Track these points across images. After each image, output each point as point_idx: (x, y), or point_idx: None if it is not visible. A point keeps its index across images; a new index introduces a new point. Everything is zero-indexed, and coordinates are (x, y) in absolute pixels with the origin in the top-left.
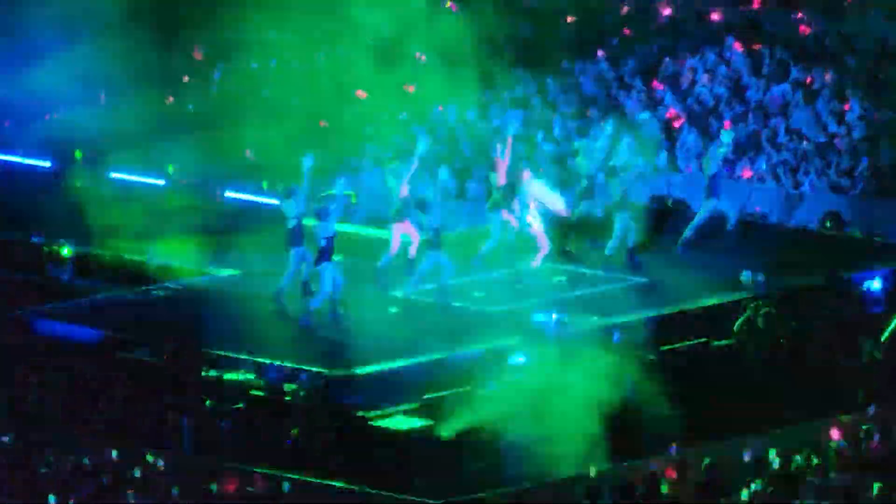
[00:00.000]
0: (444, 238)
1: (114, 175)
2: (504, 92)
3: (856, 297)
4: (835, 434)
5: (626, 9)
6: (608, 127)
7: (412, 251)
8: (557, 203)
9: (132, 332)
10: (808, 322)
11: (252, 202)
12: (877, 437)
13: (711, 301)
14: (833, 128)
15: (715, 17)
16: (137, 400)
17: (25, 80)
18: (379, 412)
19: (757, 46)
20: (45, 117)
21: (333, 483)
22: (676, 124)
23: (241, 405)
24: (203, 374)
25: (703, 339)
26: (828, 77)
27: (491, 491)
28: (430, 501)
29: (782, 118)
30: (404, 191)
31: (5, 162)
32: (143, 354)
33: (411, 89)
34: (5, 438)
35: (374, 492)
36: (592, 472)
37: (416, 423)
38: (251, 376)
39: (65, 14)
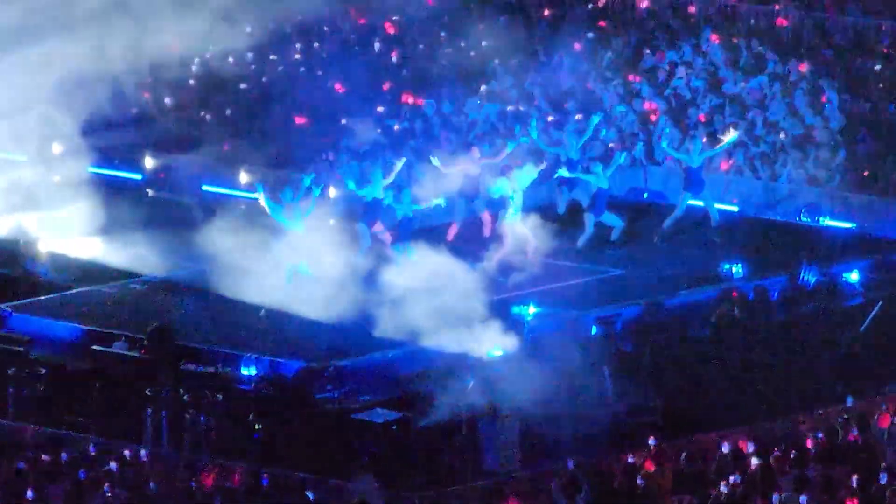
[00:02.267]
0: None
1: (92, 169)
2: (482, 85)
3: (835, 290)
4: (813, 426)
5: (602, 1)
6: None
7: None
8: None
9: (108, 325)
10: (784, 315)
11: (229, 195)
12: (854, 429)
13: (690, 293)
14: (810, 120)
15: (692, 9)
16: (114, 394)
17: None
18: (356, 404)
19: (734, 39)
20: (25, 112)
21: (310, 475)
22: (653, 117)
23: (218, 398)
24: (179, 367)
25: None
26: (804, 69)
27: (468, 482)
28: (408, 493)
29: (760, 110)
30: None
31: None
32: (120, 348)
33: (386, 87)
34: None
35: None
36: (570, 463)
37: (394, 415)
38: (227, 369)
39: (39, 7)
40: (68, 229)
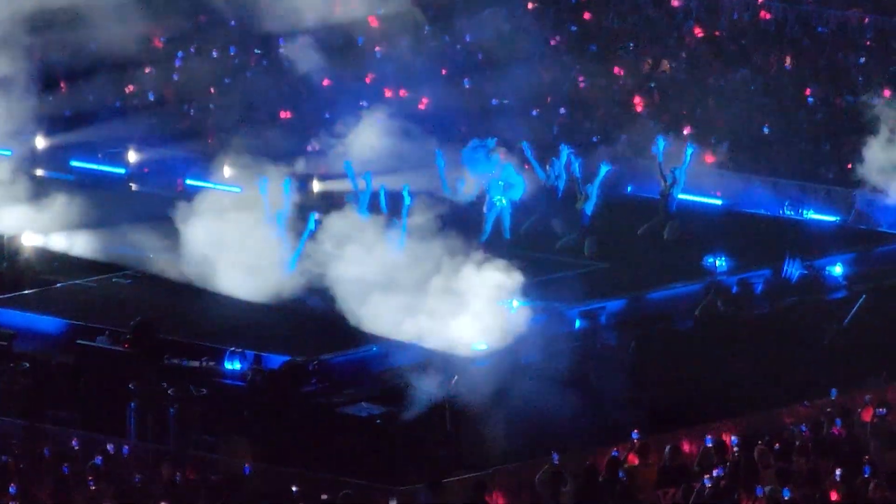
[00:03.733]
0: None
1: (74, 164)
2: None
3: (819, 283)
4: (796, 419)
5: None
6: None
7: None
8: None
9: (92, 320)
10: (768, 308)
11: (212, 189)
12: (838, 421)
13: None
14: (793, 113)
15: (675, 2)
16: (98, 388)
17: None
18: (342, 398)
19: (717, 32)
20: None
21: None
22: (638, 110)
23: (202, 391)
24: (163, 361)
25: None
26: (787, 62)
27: (454, 475)
28: (395, 487)
29: (743, 104)
30: None
31: None
32: (103, 342)
33: (369, 79)
34: None
35: (338, 477)
36: (555, 457)
37: (378, 409)
38: (212, 363)
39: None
40: (52, 223)
